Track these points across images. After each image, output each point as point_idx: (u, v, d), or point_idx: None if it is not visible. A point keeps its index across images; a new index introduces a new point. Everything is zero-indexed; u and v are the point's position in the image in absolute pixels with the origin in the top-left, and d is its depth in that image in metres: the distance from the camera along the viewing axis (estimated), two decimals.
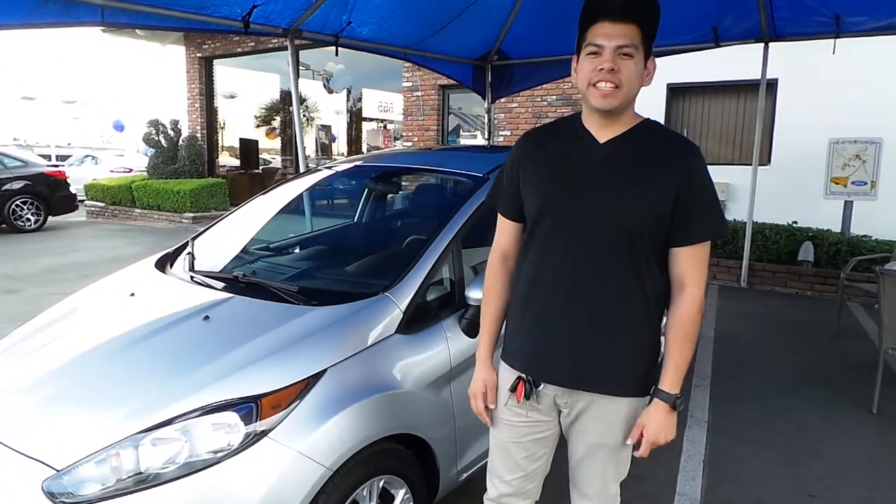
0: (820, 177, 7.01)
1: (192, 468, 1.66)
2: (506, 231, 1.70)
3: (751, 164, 6.71)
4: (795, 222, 7.19)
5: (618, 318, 1.52)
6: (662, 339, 1.59)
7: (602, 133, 1.54)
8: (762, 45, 5.93)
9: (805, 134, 7.65)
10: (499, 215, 1.73)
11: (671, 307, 1.54)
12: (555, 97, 9.33)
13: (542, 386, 1.60)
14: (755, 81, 6.44)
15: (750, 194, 6.70)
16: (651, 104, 8.46)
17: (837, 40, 5.23)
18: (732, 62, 7.02)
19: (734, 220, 7.56)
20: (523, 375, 1.61)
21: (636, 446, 1.58)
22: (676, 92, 8.76)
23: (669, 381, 1.52)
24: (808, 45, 5.74)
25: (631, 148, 1.52)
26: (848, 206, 6.91)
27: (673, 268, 1.52)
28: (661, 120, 8.64)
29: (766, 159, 8.00)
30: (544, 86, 8.25)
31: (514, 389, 1.62)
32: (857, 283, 5.24)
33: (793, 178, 7.76)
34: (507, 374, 1.67)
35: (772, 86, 7.66)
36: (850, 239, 6.75)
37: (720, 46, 5.74)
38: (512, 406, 1.66)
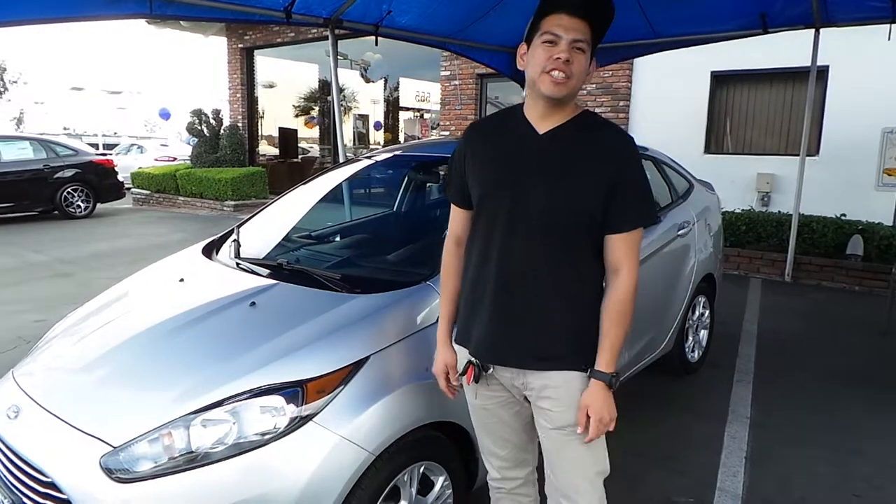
0: (871, 168, 6.77)
1: (240, 449, 1.72)
2: (457, 218, 1.77)
3: (797, 155, 6.50)
4: (844, 215, 6.96)
5: (556, 303, 1.58)
6: None
7: (542, 124, 1.59)
8: (812, 31, 5.73)
9: (856, 123, 7.37)
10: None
11: (607, 290, 1.59)
12: (594, 86, 9.18)
13: (491, 369, 1.66)
14: (804, 69, 6.22)
15: (797, 186, 6.49)
16: (694, 92, 8.26)
17: (893, 25, 5.02)
18: (780, 49, 6.80)
19: (779, 211, 7.35)
20: (473, 360, 1.67)
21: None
22: (720, 80, 8.50)
23: (605, 360, 1.57)
24: (862, 30, 5.52)
25: (568, 139, 1.57)
26: None
27: (608, 254, 1.58)
28: (704, 109, 8.48)
29: (814, 149, 7.73)
30: None
31: (464, 373, 1.69)
32: None
33: (842, 169, 7.49)
34: (461, 358, 1.74)
35: (822, 73, 7.38)
36: None
37: (768, 33, 5.57)
38: (470, 389, 1.74)
